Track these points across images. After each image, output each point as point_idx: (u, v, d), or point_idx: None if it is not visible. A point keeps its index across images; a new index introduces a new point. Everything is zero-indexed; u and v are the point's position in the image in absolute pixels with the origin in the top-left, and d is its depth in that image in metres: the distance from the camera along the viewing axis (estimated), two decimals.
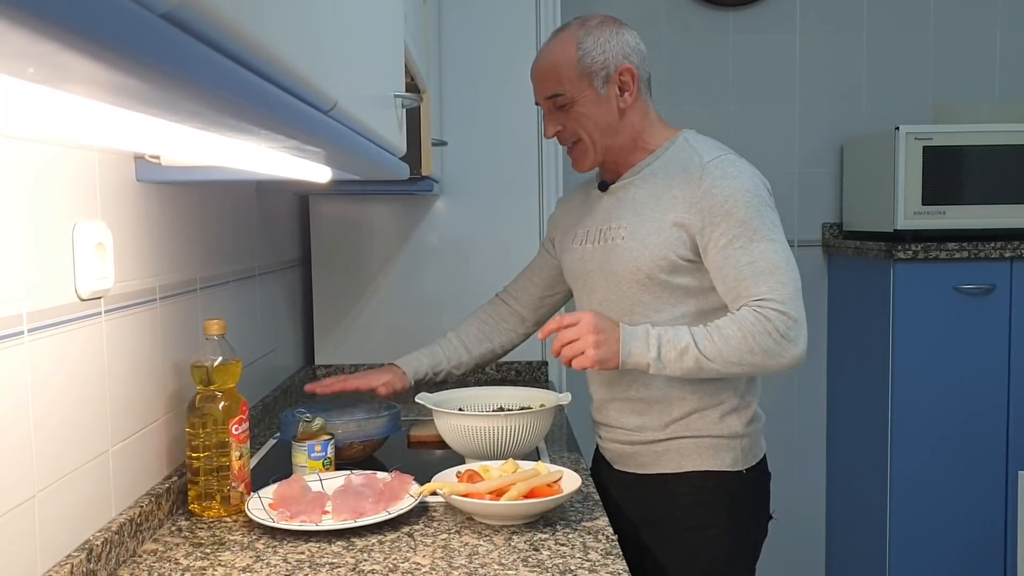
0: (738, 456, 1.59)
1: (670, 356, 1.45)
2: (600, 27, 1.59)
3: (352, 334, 2.54)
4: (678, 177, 1.54)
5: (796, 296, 1.47)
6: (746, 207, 1.48)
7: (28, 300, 1.05)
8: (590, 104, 1.58)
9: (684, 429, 1.58)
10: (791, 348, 1.45)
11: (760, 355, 1.44)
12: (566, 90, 1.58)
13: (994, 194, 2.75)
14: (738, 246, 1.47)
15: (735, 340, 1.44)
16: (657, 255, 1.53)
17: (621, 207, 1.61)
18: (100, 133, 0.83)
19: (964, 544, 2.75)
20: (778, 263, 1.47)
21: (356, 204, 2.52)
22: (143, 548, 1.30)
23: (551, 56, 1.60)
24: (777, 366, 1.46)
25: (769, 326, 1.43)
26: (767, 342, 1.43)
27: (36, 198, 1.08)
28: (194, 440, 1.41)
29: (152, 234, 1.42)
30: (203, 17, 0.43)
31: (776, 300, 1.45)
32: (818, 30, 3.16)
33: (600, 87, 1.58)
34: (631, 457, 1.64)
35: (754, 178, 1.53)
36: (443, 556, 1.24)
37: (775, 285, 1.46)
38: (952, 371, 2.72)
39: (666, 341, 1.45)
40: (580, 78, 1.57)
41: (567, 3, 2.57)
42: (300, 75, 0.62)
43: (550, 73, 1.59)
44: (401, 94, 1.26)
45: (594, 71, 1.57)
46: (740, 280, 1.47)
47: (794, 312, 1.45)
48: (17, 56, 0.32)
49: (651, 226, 1.54)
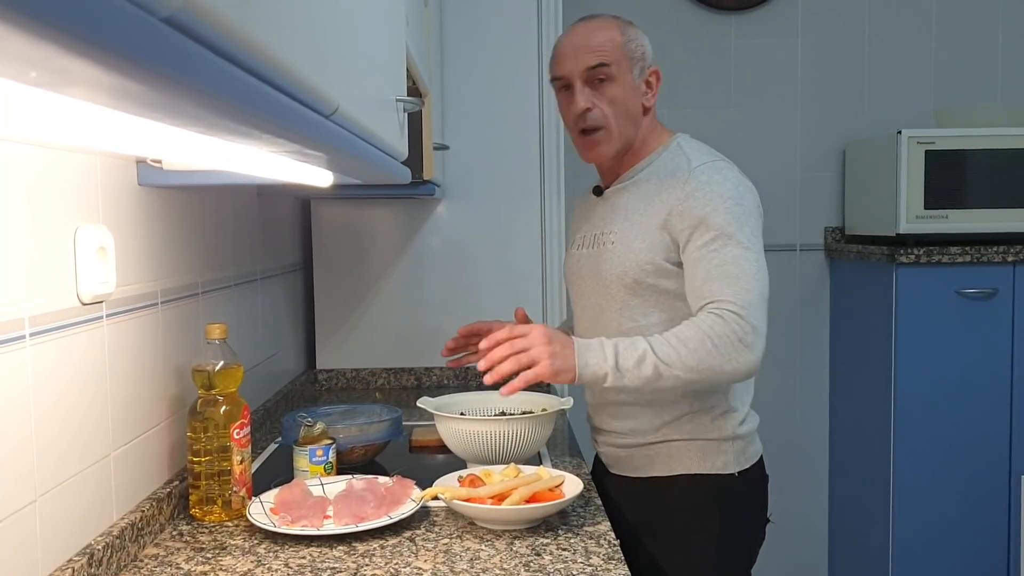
0: (730, 459, 1.58)
1: (627, 364, 1.40)
2: (634, 27, 1.62)
3: (354, 338, 2.54)
4: (667, 182, 1.55)
5: (759, 304, 1.44)
6: (726, 212, 1.48)
7: (30, 304, 1.05)
8: (627, 88, 1.59)
9: (675, 432, 1.58)
10: (746, 354, 1.41)
11: (717, 358, 1.40)
12: (612, 62, 1.57)
13: (997, 198, 2.75)
14: (712, 249, 1.47)
15: (693, 342, 1.40)
16: (643, 259, 1.53)
17: (614, 212, 1.62)
18: (102, 137, 0.83)
19: (967, 548, 2.75)
20: (746, 269, 1.45)
21: (358, 208, 2.52)
22: (144, 553, 1.29)
23: (598, 30, 1.59)
24: (732, 371, 1.42)
25: (727, 328, 1.41)
26: (724, 344, 1.40)
27: (38, 202, 1.08)
28: (195, 444, 1.41)
29: (154, 238, 1.42)
30: (205, 21, 0.42)
31: (737, 304, 1.43)
32: (820, 34, 3.16)
33: (636, 77, 1.60)
34: (625, 460, 1.65)
35: (739, 186, 1.52)
36: (445, 561, 1.24)
37: (739, 290, 1.44)
38: (955, 375, 2.72)
39: (622, 350, 1.41)
40: (623, 59, 1.58)
41: (569, 7, 2.58)
42: (302, 79, 0.62)
43: (597, 45, 1.58)
44: (403, 98, 1.26)
45: (635, 59, 1.59)
46: (706, 280, 1.46)
47: (753, 319, 1.42)
48: (19, 60, 0.32)
49: (639, 231, 1.55)
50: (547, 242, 2.52)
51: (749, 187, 1.55)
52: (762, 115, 3.17)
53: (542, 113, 2.48)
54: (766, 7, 3.14)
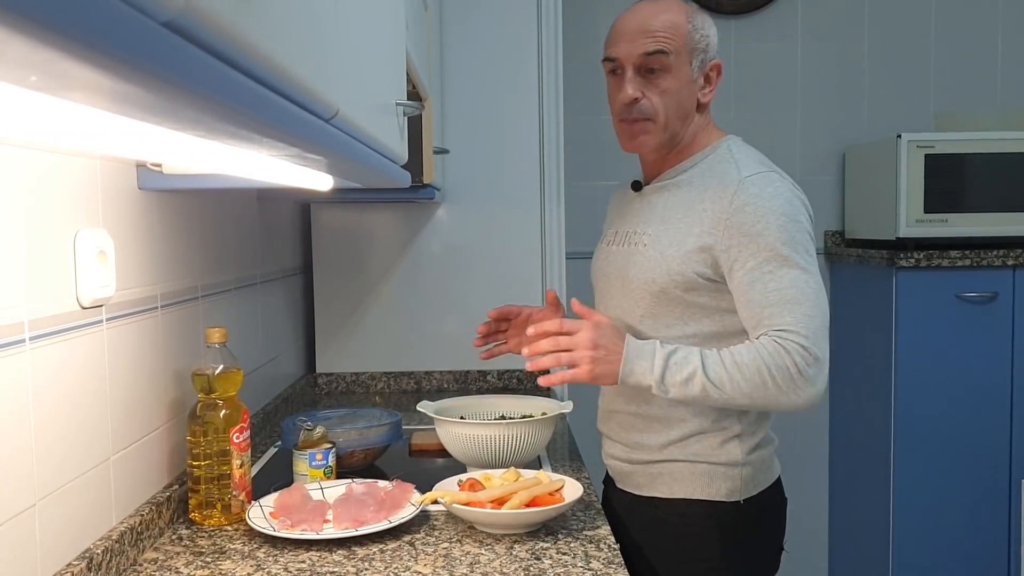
0: (736, 486, 1.48)
1: (674, 380, 1.35)
2: (703, 13, 1.51)
3: (354, 342, 2.54)
4: (712, 189, 1.43)
5: (822, 333, 1.36)
6: (779, 230, 1.37)
7: (30, 308, 1.05)
8: (683, 81, 1.47)
9: (680, 452, 1.48)
10: (807, 388, 1.35)
11: (774, 390, 1.34)
12: (672, 51, 1.45)
13: (996, 202, 2.75)
14: (766, 270, 1.37)
15: (749, 369, 1.34)
16: (674, 270, 1.43)
17: (651, 212, 1.52)
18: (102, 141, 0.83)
19: (968, 553, 2.75)
20: (807, 294, 1.36)
21: (358, 212, 2.52)
22: (144, 557, 1.29)
23: (663, 14, 1.47)
24: (789, 404, 1.36)
25: (788, 360, 1.33)
26: (783, 377, 1.33)
27: (38, 206, 1.08)
28: (195, 448, 1.41)
29: (154, 242, 1.42)
30: (204, 25, 0.42)
31: (800, 334, 1.34)
32: (820, 38, 3.16)
33: (695, 69, 1.48)
34: (628, 476, 1.57)
35: (793, 200, 1.41)
36: (444, 565, 1.24)
37: (801, 317, 1.35)
38: (955, 379, 2.72)
39: (673, 363, 1.36)
40: (684, 48, 1.46)
41: (569, 10, 2.58)
42: (301, 83, 0.62)
43: (660, 29, 1.45)
44: (403, 102, 1.26)
45: (697, 49, 1.47)
46: (765, 307, 1.37)
47: (817, 350, 1.34)
48: (19, 64, 0.32)
49: (674, 237, 1.45)
50: (547, 246, 2.52)
51: (803, 201, 1.44)
52: (762, 119, 3.17)
53: (542, 117, 2.48)
54: (766, 11, 3.15)
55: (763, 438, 1.51)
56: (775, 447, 1.56)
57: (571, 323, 1.42)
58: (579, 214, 3.05)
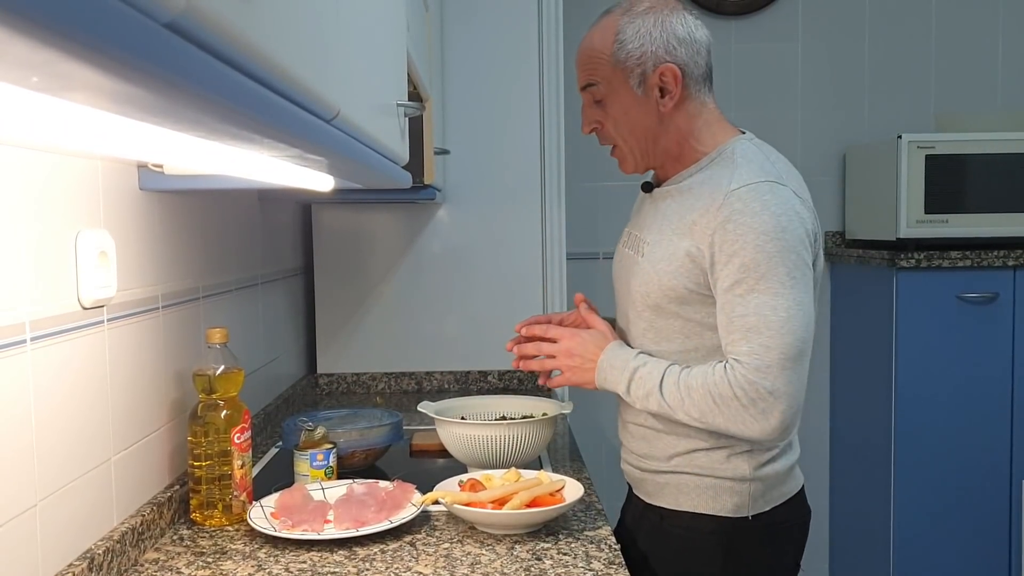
0: (743, 502, 1.41)
1: (638, 394, 1.39)
2: (647, 14, 1.40)
3: (354, 343, 2.54)
4: (703, 200, 1.37)
5: (779, 364, 1.29)
6: (755, 251, 1.30)
7: (31, 308, 1.05)
8: (626, 105, 1.41)
9: (686, 464, 1.43)
10: (757, 422, 1.30)
11: (721, 418, 1.32)
12: (599, 83, 1.42)
13: (997, 202, 2.75)
14: (737, 293, 1.32)
15: (697, 394, 1.33)
16: (665, 284, 1.39)
17: (655, 218, 1.47)
18: (103, 142, 0.83)
19: (968, 554, 2.74)
20: (772, 322, 1.29)
21: (359, 212, 2.53)
22: (145, 557, 1.29)
23: (589, 42, 1.43)
24: (741, 434, 1.33)
25: (730, 392, 1.30)
26: (728, 407, 1.31)
27: (39, 207, 1.08)
28: (196, 449, 1.41)
29: (155, 242, 1.42)
30: (206, 26, 0.43)
31: (749, 366, 1.29)
32: (820, 38, 3.17)
33: (636, 87, 1.40)
34: (639, 483, 1.54)
35: (781, 217, 1.31)
36: (445, 565, 1.24)
37: (757, 348, 1.29)
38: (955, 380, 2.72)
39: (637, 377, 1.39)
40: (614, 73, 1.40)
41: (569, 11, 2.58)
42: (303, 84, 0.63)
43: (585, 61, 1.43)
44: (404, 103, 1.26)
45: (629, 68, 1.39)
46: (729, 332, 1.33)
47: (767, 383, 1.28)
48: (20, 65, 0.32)
49: (666, 250, 1.40)
50: (547, 247, 2.52)
51: (796, 214, 1.33)
52: (762, 119, 3.17)
53: (543, 118, 2.48)
54: (766, 11, 3.15)
55: (776, 453, 1.44)
56: (794, 460, 1.50)
57: (556, 330, 1.51)
58: (580, 215, 3.05)
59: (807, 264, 1.34)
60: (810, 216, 1.38)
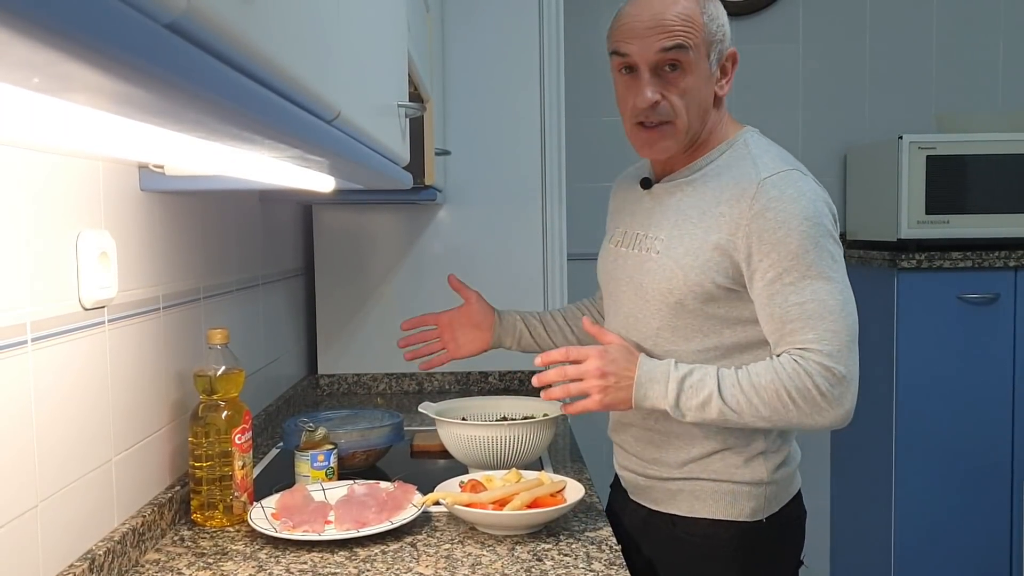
0: (760, 505, 1.40)
1: (690, 404, 1.30)
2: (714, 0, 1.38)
3: (355, 343, 2.54)
4: (729, 191, 1.33)
5: (848, 348, 1.28)
6: (802, 237, 1.28)
7: (32, 309, 1.05)
8: (702, 77, 1.36)
9: (702, 470, 1.40)
10: (832, 409, 1.28)
11: (795, 412, 1.28)
12: (691, 46, 1.33)
13: (998, 203, 2.75)
14: (788, 281, 1.28)
15: (767, 393, 1.28)
16: (692, 280, 1.34)
17: (664, 214, 1.42)
18: (104, 142, 0.83)
19: (969, 555, 2.74)
20: (832, 307, 1.28)
21: (359, 213, 2.53)
22: (145, 558, 1.29)
23: (675, 4, 1.33)
24: (814, 426, 1.30)
25: (809, 382, 1.27)
26: (805, 399, 1.27)
27: (40, 207, 1.08)
28: (197, 449, 1.41)
29: (156, 243, 1.42)
30: (207, 27, 0.43)
31: (822, 352, 1.27)
32: (821, 39, 3.16)
33: (713, 63, 1.37)
34: (645, 491, 1.49)
35: (816, 202, 1.31)
36: (446, 566, 1.24)
37: (824, 333, 1.27)
38: (956, 380, 2.71)
39: (688, 387, 1.30)
40: (703, 42, 1.35)
41: (570, 12, 2.58)
42: (303, 85, 0.63)
43: (675, 24, 1.32)
44: (404, 103, 1.26)
45: (714, 41, 1.36)
46: (785, 322, 1.29)
47: (841, 368, 1.27)
48: (22, 66, 0.32)
49: (690, 244, 1.35)
50: (548, 247, 2.52)
51: (826, 200, 1.34)
52: (763, 120, 3.13)
53: (544, 118, 2.48)
54: (767, 12, 3.15)
55: (788, 455, 1.45)
56: (799, 459, 1.50)
57: (578, 351, 1.37)
58: (580, 215, 3.05)
59: (840, 249, 1.35)
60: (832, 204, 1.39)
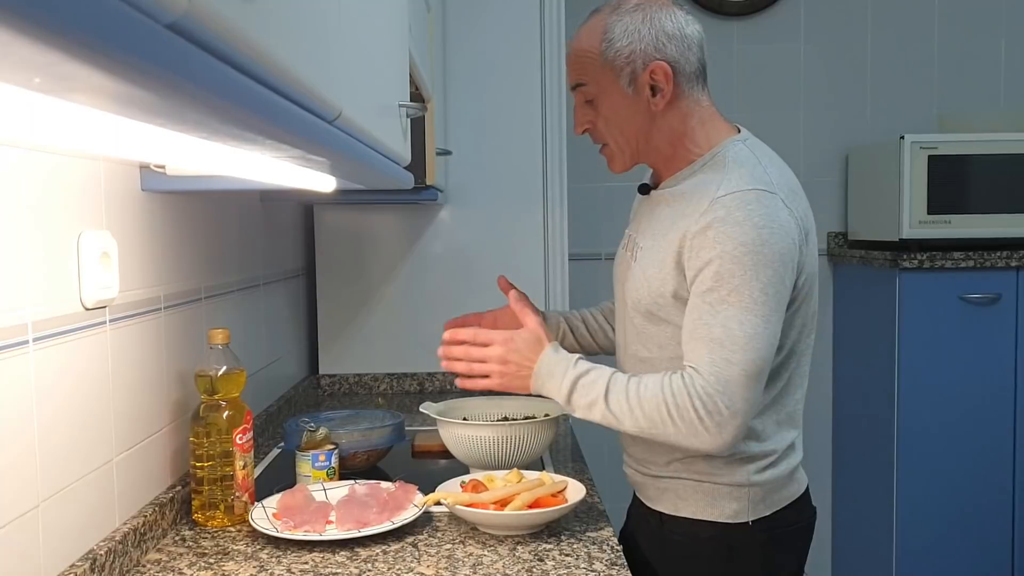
0: (743, 507, 1.39)
1: (580, 403, 1.34)
2: (635, 11, 1.37)
3: (356, 343, 2.54)
4: (692, 205, 1.34)
5: (740, 382, 1.26)
6: (732, 261, 1.26)
7: (33, 309, 1.05)
8: (616, 104, 1.38)
9: (685, 470, 1.41)
10: (710, 437, 1.27)
11: (672, 430, 1.28)
12: (588, 82, 1.39)
13: (1000, 203, 2.74)
14: (706, 301, 1.28)
15: (649, 406, 1.29)
16: (655, 291, 1.37)
17: (649, 222, 1.44)
18: (106, 143, 0.83)
19: (971, 555, 2.74)
20: (737, 337, 1.26)
21: (361, 213, 2.53)
22: (147, 558, 1.29)
23: (576, 43, 1.41)
24: (690, 447, 1.31)
25: (690, 404, 1.26)
26: (683, 420, 1.27)
27: (42, 207, 1.08)
28: (198, 449, 1.41)
29: (157, 243, 1.42)
30: (208, 27, 0.43)
31: (710, 380, 1.26)
32: (823, 39, 3.16)
33: (626, 86, 1.37)
34: (641, 487, 1.52)
35: (763, 230, 1.27)
36: (447, 566, 1.24)
37: (718, 360, 1.26)
38: (958, 380, 2.71)
39: (580, 386, 1.34)
40: (603, 72, 1.37)
41: (572, 12, 2.58)
42: (305, 85, 0.63)
43: (574, 61, 1.41)
44: (406, 103, 1.26)
45: (618, 67, 1.36)
46: (692, 338, 1.30)
47: (725, 402, 1.25)
48: (23, 66, 0.32)
49: (654, 256, 1.38)
50: (549, 248, 2.52)
51: (780, 226, 1.29)
52: (765, 120, 3.17)
53: (545, 118, 2.48)
54: (769, 12, 3.15)
55: (776, 457, 1.42)
56: (796, 463, 1.47)
57: (486, 335, 1.42)
58: (582, 216, 3.05)
59: (782, 281, 1.29)
60: (797, 224, 1.32)
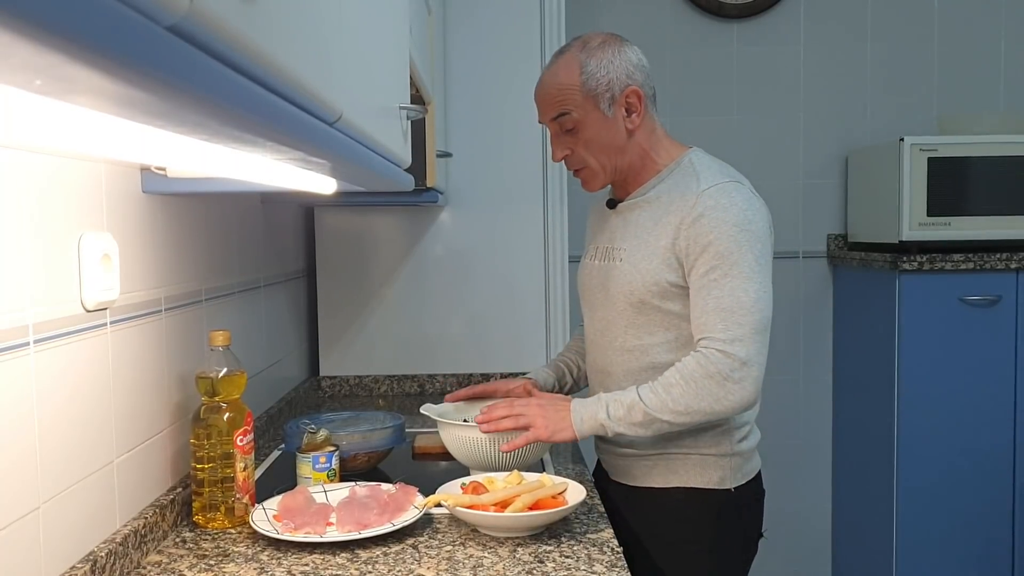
0: (726, 474, 1.60)
1: (619, 412, 1.48)
2: (603, 47, 1.57)
3: (357, 345, 2.54)
4: (676, 203, 1.54)
5: (750, 337, 1.45)
6: (729, 240, 1.47)
7: (34, 311, 1.05)
8: (597, 127, 1.58)
9: (674, 446, 1.59)
10: (736, 391, 1.45)
11: (705, 399, 1.45)
12: (572, 112, 1.57)
13: (999, 205, 2.74)
14: (712, 278, 1.47)
15: (676, 388, 1.46)
16: (649, 280, 1.54)
17: (626, 228, 1.62)
18: (106, 144, 0.83)
19: (971, 556, 2.74)
20: (744, 302, 1.46)
21: (361, 215, 2.53)
22: (147, 560, 1.29)
23: (555, 78, 1.58)
24: (724, 409, 1.46)
25: (711, 368, 1.44)
26: (709, 385, 1.44)
27: (43, 209, 1.08)
28: (199, 451, 1.41)
29: (157, 245, 1.42)
30: (209, 29, 0.43)
31: (722, 340, 1.45)
32: (823, 41, 3.16)
33: (607, 109, 1.57)
34: (624, 470, 1.67)
35: (747, 211, 1.50)
36: (448, 568, 1.24)
37: (730, 324, 1.45)
38: (958, 382, 2.71)
39: (613, 400, 1.49)
40: (586, 101, 1.56)
41: (572, 14, 2.58)
42: (305, 87, 0.63)
43: (555, 95, 1.58)
44: (406, 105, 1.26)
45: (599, 94, 1.56)
46: (702, 313, 1.48)
47: (741, 352, 1.44)
48: (24, 68, 0.32)
49: (646, 251, 1.56)
50: (550, 250, 2.52)
51: (758, 209, 1.53)
52: (765, 122, 3.17)
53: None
54: (768, 15, 3.15)
55: (748, 431, 1.63)
56: (757, 441, 1.67)
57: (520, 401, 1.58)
58: (582, 218, 3.04)
59: (767, 254, 1.52)
60: (766, 209, 1.56)
